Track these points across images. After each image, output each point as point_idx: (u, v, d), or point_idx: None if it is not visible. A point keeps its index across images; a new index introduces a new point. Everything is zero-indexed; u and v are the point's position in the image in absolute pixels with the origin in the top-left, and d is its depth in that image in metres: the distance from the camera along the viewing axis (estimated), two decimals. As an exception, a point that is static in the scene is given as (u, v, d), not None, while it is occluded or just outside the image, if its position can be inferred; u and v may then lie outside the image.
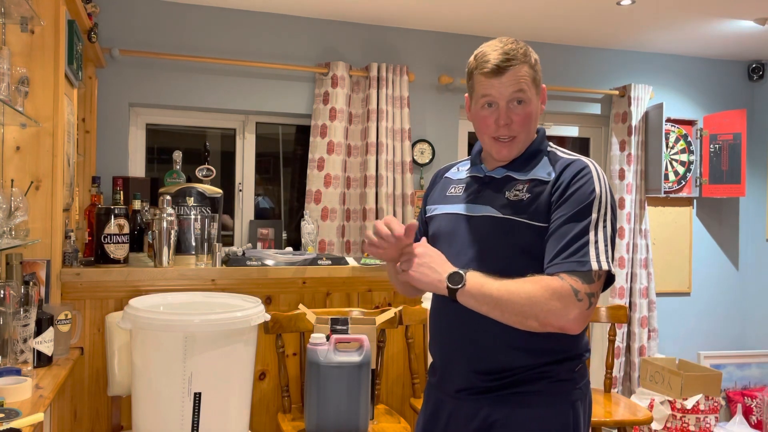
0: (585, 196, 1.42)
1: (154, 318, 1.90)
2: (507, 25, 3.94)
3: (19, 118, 2.20)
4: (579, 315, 1.34)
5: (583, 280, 1.35)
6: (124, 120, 3.53)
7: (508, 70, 1.48)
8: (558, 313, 1.34)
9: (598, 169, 1.48)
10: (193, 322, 1.87)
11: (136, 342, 1.99)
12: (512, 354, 1.45)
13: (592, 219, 1.40)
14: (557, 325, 1.35)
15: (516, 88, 1.48)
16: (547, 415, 1.45)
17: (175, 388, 1.85)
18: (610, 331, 2.91)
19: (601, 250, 1.38)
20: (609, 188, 1.47)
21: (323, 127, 3.72)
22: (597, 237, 1.39)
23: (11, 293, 1.97)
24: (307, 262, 2.78)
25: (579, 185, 1.44)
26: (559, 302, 1.34)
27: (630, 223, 4.27)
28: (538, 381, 1.45)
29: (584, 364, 1.53)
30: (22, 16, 2.24)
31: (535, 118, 1.53)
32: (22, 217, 2.08)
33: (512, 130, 1.50)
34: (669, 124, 4.45)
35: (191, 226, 2.74)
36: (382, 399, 2.78)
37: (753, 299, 4.70)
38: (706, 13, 3.68)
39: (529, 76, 1.49)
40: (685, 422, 3.80)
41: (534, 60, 1.52)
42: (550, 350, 1.46)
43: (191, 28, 3.61)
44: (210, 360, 1.88)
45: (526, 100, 1.49)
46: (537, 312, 1.35)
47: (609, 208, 1.44)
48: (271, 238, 3.65)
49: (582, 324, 1.36)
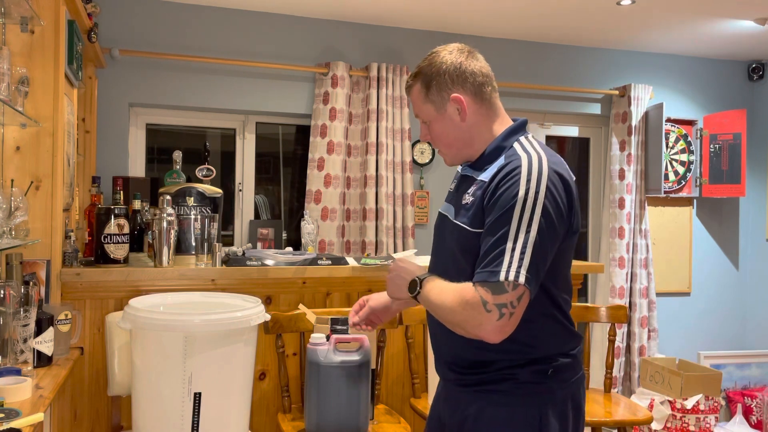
0: (507, 201, 1.36)
1: (154, 318, 1.90)
2: (507, 25, 3.94)
3: (19, 118, 2.20)
4: (491, 326, 1.31)
5: (492, 290, 1.31)
6: (124, 120, 3.53)
7: (408, 93, 1.61)
8: (471, 323, 1.33)
9: (532, 165, 1.39)
10: (193, 322, 1.86)
11: (136, 342, 1.99)
12: (476, 351, 1.45)
13: (512, 226, 1.34)
14: (473, 334, 1.34)
15: (414, 111, 1.60)
16: (511, 417, 1.42)
17: (175, 388, 1.85)
18: (610, 331, 2.91)
19: (516, 258, 1.31)
20: (546, 184, 1.37)
21: (323, 127, 3.72)
22: (515, 245, 1.32)
23: (11, 293, 1.97)
24: (307, 262, 2.78)
25: (504, 188, 1.38)
26: (471, 312, 1.33)
27: (630, 223, 4.27)
28: (504, 381, 1.44)
29: (564, 367, 1.45)
30: (22, 16, 2.23)
31: (448, 130, 1.53)
32: (22, 217, 2.08)
33: (433, 144, 1.60)
34: (669, 124, 4.45)
35: (191, 226, 2.74)
36: (382, 399, 2.78)
37: (753, 299, 4.70)
38: (706, 13, 3.68)
39: (420, 97, 1.55)
40: (685, 422, 3.80)
41: (430, 77, 1.52)
42: (511, 350, 1.42)
43: (191, 28, 3.61)
44: (210, 360, 1.88)
45: (427, 120, 1.56)
46: (456, 320, 1.36)
47: (536, 210, 1.34)
48: (271, 238, 3.65)
49: (498, 334, 1.32)
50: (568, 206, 1.41)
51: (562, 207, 1.39)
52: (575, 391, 1.48)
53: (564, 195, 1.40)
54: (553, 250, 1.38)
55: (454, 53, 1.55)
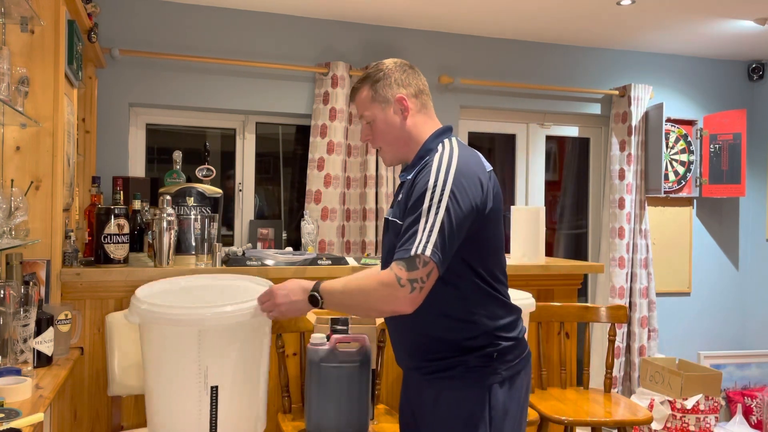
0: (421, 188, 1.56)
1: (165, 313, 1.80)
2: (507, 25, 3.94)
3: (19, 118, 2.20)
4: (405, 298, 1.49)
5: (407, 267, 1.48)
6: (124, 120, 3.53)
7: (354, 98, 1.79)
8: (386, 300, 1.50)
9: (443, 157, 1.60)
10: (206, 315, 1.78)
11: (146, 336, 1.90)
12: (426, 341, 1.65)
13: (423, 210, 1.52)
14: (389, 310, 1.53)
15: (358, 114, 1.78)
16: (462, 398, 1.60)
17: (191, 383, 1.80)
18: (610, 331, 2.91)
19: (425, 236, 1.49)
20: (455, 172, 1.55)
21: (323, 127, 3.72)
22: (426, 225, 1.50)
23: (11, 293, 1.97)
24: (307, 262, 2.78)
25: (419, 179, 1.59)
26: (386, 290, 1.49)
27: (630, 223, 4.27)
28: (455, 368, 1.61)
29: (508, 349, 1.63)
30: (22, 16, 2.23)
31: (390, 128, 1.73)
32: (22, 217, 2.08)
33: (373, 143, 1.78)
34: (669, 124, 4.45)
35: (191, 226, 2.74)
36: (382, 399, 2.78)
37: (753, 299, 4.70)
38: (706, 13, 3.68)
39: (367, 98, 1.75)
40: (685, 422, 3.80)
41: (377, 79, 1.74)
42: (455, 329, 1.61)
43: (191, 28, 3.61)
44: (226, 352, 1.81)
45: (370, 119, 1.75)
46: (370, 301, 1.53)
47: (446, 193, 1.52)
48: (271, 238, 3.65)
49: (410, 306, 1.50)
50: (476, 192, 1.57)
51: (469, 191, 1.56)
52: (521, 369, 1.67)
53: (473, 180, 1.58)
54: (462, 231, 1.54)
55: (399, 63, 1.79)
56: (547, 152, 4.47)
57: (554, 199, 4.59)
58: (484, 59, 4.15)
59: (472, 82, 4.04)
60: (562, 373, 2.91)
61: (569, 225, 4.67)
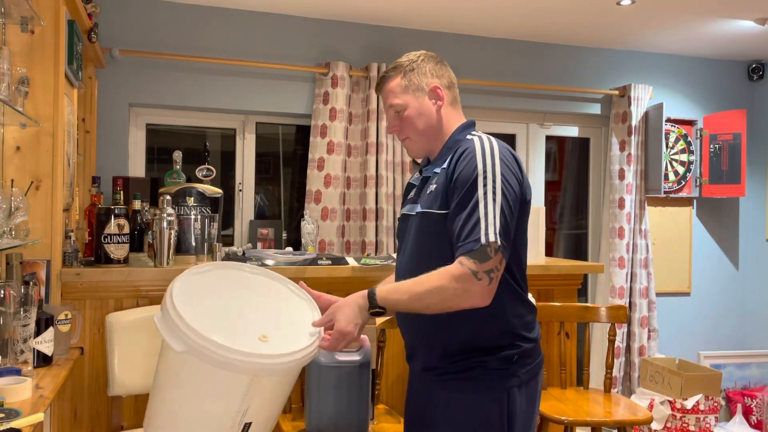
0: (468, 176, 1.52)
1: (221, 355, 1.59)
2: (507, 25, 3.94)
3: (19, 118, 2.20)
4: (482, 291, 1.46)
5: (479, 259, 1.45)
6: (124, 120, 3.53)
7: (381, 89, 1.74)
8: (462, 296, 1.46)
9: (483, 144, 1.56)
10: (265, 363, 1.61)
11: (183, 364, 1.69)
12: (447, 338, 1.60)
13: (479, 195, 1.48)
14: (467, 305, 1.48)
15: (388, 103, 1.72)
16: (478, 401, 1.56)
17: (226, 418, 1.68)
18: (609, 331, 2.91)
19: (491, 222, 1.46)
20: (499, 158, 1.53)
21: (323, 127, 3.72)
22: (486, 211, 1.47)
23: (11, 293, 1.97)
24: (307, 262, 2.78)
25: (462, 167, 1.54)
26: (462, 285, 1.45)
27: (630, 223, 4.27)
28: (474, 369, 1.58)
29: (528, 352, 1.60)
30: (22, 16, 2.23)
31: (423, 117, 1.69)
32: (22, 217, 2.08)
33: (401, 133, 1.73)
34: (669, 124, 4.45)
35: (191, 226, 2.74)
36: (382, 399, 2.78)
37: (753, 299, 4.70)
38: (706, 13, 3.68)
39: (399, 88, 1.70)
40: (685, 422, 3.80)
41: (411, 68, 1.69)
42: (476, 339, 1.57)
43: (191, 28, 3.61)
44: (272, 394, 1.70)
45: (400, 108, 1.70)
46: (446, 299, 1.47)
47: (498, 178, 1.50)
48: (271, 238, 3.65)
49: (489, 298, 1.48)
50: (520, 179, 1.56)
51: (516, 177, 1.55)
52: (537, 372, 1.64)
53: (516, 166, 1.57)
54: (515, 216, 1.53)
55: (430, 54, 1.75)
56: (547, 152, 4.47)
57: (554, 199, 4.59)
58: (484, 59, 4.15)
59: (472, 82, 4.03)
60: (562, 373, 2.91)
61: (569, 225, 4.67)
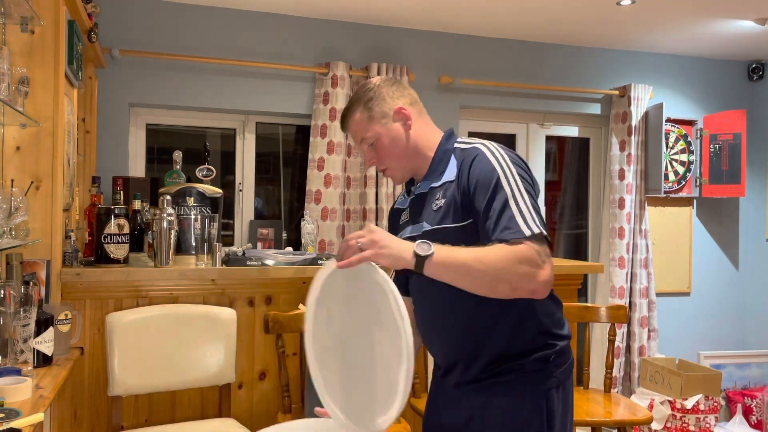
0: (489, 178, 1.47)
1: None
2: (507, 26, 3.94)
3: (19, 118, 2.20)
4: (545, 278, 1.39)
5: (538, 243, 1.39)
6: (124, 120, 3.53)
7: (346, 126, 1.68)
8: (527, 278, 1.38)
9: (491, 148, 1.53)
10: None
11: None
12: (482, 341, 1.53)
13: (507, 193, 1.44)
14: (528, 289, 1.40)
15: (358, 138, 1.66)
16: (517, 404, 1.51)
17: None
18: (609, 331, 2.91)
19: (527, 216, 1.42)
20: (510, 159, 1.51)
21: (323, 127, 3.72)
22: (519, 207, 1.43)
23: (11, 293, 1.97)
24: (307, 262, 2.78)
25: (479, 172, 1.49)
26: (527, 267, 1.37)
27: (630, 223, 4.27)
28: (510, 372, 1.52)
29: (562, 351, 1.56)
30: (22, 16, 2.23)
31: (396, 141, 1.62)
32: (22, 217, 2.08)
33: (381, 164, 1.65)
34: (669, 124, 4.45)
35: (191, 226, 2.74)
36: (382, 399, 2.78)
37: (753, 299, 4.70)
38: (706, 13, 3.68)
39: (363, 121, 1.63)
40: (685, 422, 3.80)
41: (369, 98, 1.63)
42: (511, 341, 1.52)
43: (191, 28, 3.61)
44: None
45: (372, 140, 1.63)
46: (509, 276, 1.37)
47: (517, 178, 1.47)
48: (271, 238, 3.65)
49: (548, 287, 1.41)
50: (532, 177, 1.54)
51: (530, 177, 1.53)
52: (570, 372, 1.59)
53: (526, 167, 1.54)
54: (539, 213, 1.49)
55: (384, 79, 1.70)
56: (547, 152, 4.47)
57: (554, 199, 4.59)
58: (484, 59, 4.15)
59: (472, 82, 4.03)
60: (562, 373, 2.90)
61: (569, 225, 4.67)
